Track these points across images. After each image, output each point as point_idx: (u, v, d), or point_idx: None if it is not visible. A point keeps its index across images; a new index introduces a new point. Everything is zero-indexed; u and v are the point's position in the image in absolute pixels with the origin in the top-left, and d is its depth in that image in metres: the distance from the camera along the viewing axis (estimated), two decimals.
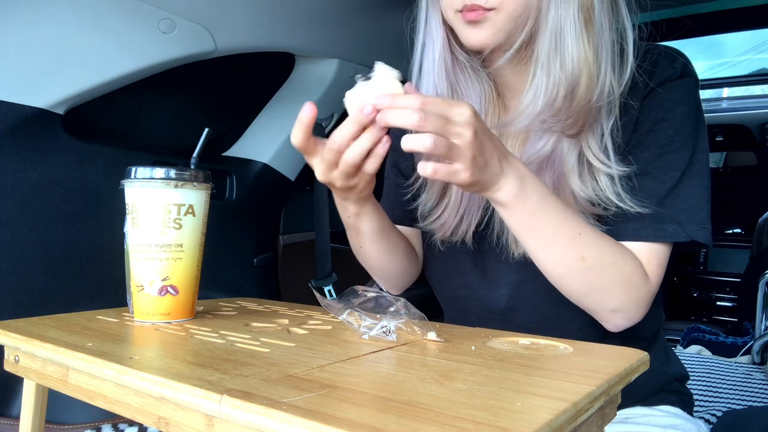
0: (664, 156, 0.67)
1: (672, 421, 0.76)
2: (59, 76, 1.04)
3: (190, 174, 0.63)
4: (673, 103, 0.68)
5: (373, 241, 0.76)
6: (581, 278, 0.65)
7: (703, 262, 3.22)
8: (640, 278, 0.66)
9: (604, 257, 0.64)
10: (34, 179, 1.07)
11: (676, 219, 0.66)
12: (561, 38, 0.62)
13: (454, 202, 0.75)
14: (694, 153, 0.68)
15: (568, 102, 0.63)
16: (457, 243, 0.77)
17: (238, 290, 1.54)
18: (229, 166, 1.52)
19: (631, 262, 0.65)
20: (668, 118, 0.68)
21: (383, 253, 0.79)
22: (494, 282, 0.76)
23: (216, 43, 1.21)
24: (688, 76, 0.69)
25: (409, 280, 0.88)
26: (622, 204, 0.66)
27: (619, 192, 0.67)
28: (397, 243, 0.80)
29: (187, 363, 0.45)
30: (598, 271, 0.64)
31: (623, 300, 0.66)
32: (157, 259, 0.62)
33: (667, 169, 0.67)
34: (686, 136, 0.68)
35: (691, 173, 0.67)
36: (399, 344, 0.54)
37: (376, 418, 0.33)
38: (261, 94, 1.55)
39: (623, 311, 0.67)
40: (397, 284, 0.88)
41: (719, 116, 2.96)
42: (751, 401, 1.40)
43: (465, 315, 0.82)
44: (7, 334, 0.56)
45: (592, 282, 0.65)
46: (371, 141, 0.57)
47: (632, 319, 0.68)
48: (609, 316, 0.67)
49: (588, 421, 0.41)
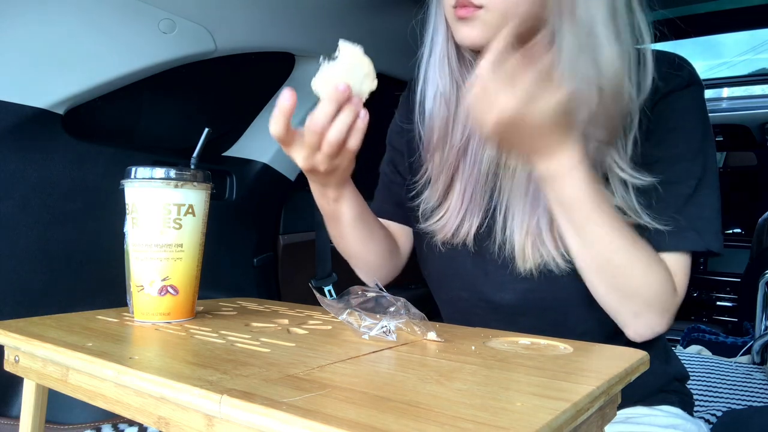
0: (679, 165, 0.67)
1: (672, 421, 0.76)
2: (59, 76, 1.04)
3: (190, 174, 0.63)
4: (683, 112, 0.68)
5: (353, 228, 0.75)
6: (607, 276, 0.64)
7: (703, 262, 3.22)
8: (668, 292, 0.66)
9: (635, 262, 0.63)
10: (34, 179, 1.07)
11: (695, 228, 0.66)
12: (592, 35, 0.60)
13: (456, 201, 0.75)
14: (706, 161, 0.68)
15: (605, 103, 0.62)
16: (458, 245, 0.77)
17: (238, 290, 1.54)
18: (229, 166, 1.52)
19: (664, 276, 0.65)
20: (679, 127, 0.68)
21: (363, 241, 0.78)
22: (498, 286, 0.75)
23: (216, 43, 1.21)
24: (695, 84, 0.69)
25: (387, 274, 0.87)
26: (639, 220, 0.66)
27: (635, 208, 0.66)
28: (376, 230, 0.80)
29: (187, 363, 0.45)
30: (623, 277, 0.64)
31: (643, 308, 0.65)
32: (157, 259, 0.62)
33: (683, 178, 0.67)
34: (697, 144, 0.68)
35: (706, 181, 0.67)
36: (399, 344, 0.54)
37: (376, 418, 0.33)
38: (261, 94, 1.55)
39: (646, 318, 0.66)
40: (377, 277, 0.87)
41: (719, 116, 2.95)
42: (751, 401, 1.40)
43: (466, 317, 0.81)
44: (7, 334, 0.56)
45: (616, 282, 0.64)
46: (352, 115, 0.58)
47: (655, 330, 0.67)
48: (631, 321, 0.67)
49: (588, 421, 0.41)
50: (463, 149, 0.75)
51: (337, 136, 0.58)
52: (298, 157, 0.62)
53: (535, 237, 0.70)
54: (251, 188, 1.56)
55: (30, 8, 0.98)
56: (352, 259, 0.84)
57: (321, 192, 0.70)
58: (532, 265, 0.70)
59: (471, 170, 0.75)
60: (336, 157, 0.61)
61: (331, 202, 0.71)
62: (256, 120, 1.57)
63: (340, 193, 0.70)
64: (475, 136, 0.74)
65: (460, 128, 0.75)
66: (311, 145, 0.60)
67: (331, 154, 0.60)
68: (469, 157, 0.75)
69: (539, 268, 0.70)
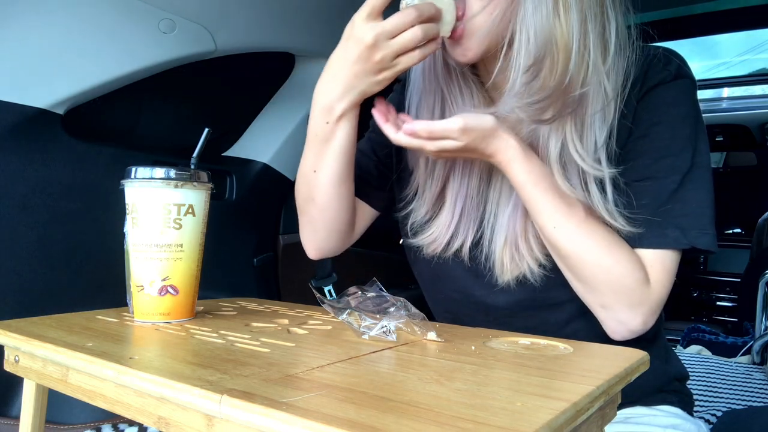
0: (663, 160, 0.66)
1: (672, 421, 0.76)
2: (59, 76, 1.04)
3: (190, 174, 0.63)
4: (667, 105, 0.66)
5: (337, 160, 0.71)
6: (569, 264, 0.65)
7: (703, 262, 3.22)
8: (635, 283, 0.64)
9: (584, 254, 0.63)
10: (34, 179, 1.07)
11: (678, 225, 0.65)
12: (534, 14, 0.61)
13: (447, 215, 0.75)
14: (694, 156, 0.66)
15: (539, 79, 0.62)
16: (449, 257, 0.76)
17: (238, 290, 1.54)
18: (229, 166, 1.52)
19: (624, 265, 0.64)
20: (663, 121, 0.66)
21: (338, 182, 0.74)
22: (490, 289, 0.75)
23: (216, 43, 1.21)
24: (683, 77, 0.67)
25: (334, 246, 0.84)
26: (614, 222, 0.65)
27: (611, 210, 0.65)
28: (350, 180, 0.76)
29: (187, 363, 0.45)
30: (578, 265, 0.64)
31: (611, 300, 0.65)
32: (157, 259, 0.62)
33: (667, 173, 0.66)
34: (684, 139, 0.66)
35: (693, 177, 0.66)
36: (399, 344, 0.54)
37: (376, 418, 0.33)
38: (261, 94, 1.55)
39: (615, 312, 0.65)
40: (323, 248, 0.84)
41: (719, 116, 2.95)
42: (751, 401, 1.40)
43: (457, 317, 0.81)
44: (7, 334, 0.56)
45: (574, 269, 0.65)
46: (422, 36, 0.61)
47: (629, 326, 0.66)
48: (603, 315, 0.67)
49: (588, 421, 0.41)
50: (451, 161, 0.75)
51: (405, 39, 0.61)
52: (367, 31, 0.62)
53: (513, 249, 0.71)
54: (251, 188, 1.56)
55: (30, 8, 0.98)
56: (314, 206, 0.77)
57: (331, 105, 0.68)
58: (510, 276, 0.71)
59: (461, 183, 0.74)
60: (388, 60, 0.63)
61: (333, 119, 0.68)
62: (256, 120, 1.57)
63: (347, 112, 0.68)
64: None
65: None
66: (385, 33, 0.61)
67: (394, 54, 0.62)
68: (459, 170, 0.74)
69: (518, 278, 0.71)
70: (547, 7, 0.60)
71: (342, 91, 0.66)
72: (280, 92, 1.56)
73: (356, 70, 0.64)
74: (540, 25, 0.61)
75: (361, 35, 0.62)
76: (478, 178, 0.74)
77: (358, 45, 0.63)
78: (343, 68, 0.65)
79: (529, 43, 0.61)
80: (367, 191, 0.84)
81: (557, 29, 0.61)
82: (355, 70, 0.64)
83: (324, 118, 0.69)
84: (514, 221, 0.71)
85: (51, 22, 1.01)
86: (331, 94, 0.67)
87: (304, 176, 0.76)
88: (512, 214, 0.71)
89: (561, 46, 0.61)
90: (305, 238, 0.84)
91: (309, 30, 1.37)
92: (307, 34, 1.38)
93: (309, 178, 0.75)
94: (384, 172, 0.84)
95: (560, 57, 0.61)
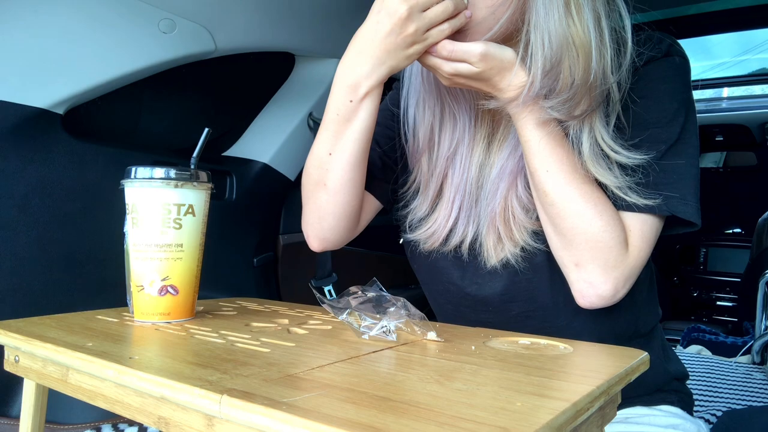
0: (646, 131, 0.66)
1: (672, 420, 0.76)
2: (59, 76, 1.04)
3: (190, 174, 0.63)
4: (657, 81, 0.67)
5: (356, 141, 0.70)
6: (551, 214, 0.65)
7: (703, 262, 3.22)
8: (613, 241, 0.64)
9: (569, 202, 0.64)
10: (34, 179, 1.07)
11: (660, 192, 0.65)
12: (547, 18, 0.61)
13: (445, 211, 0.75)
14: (681, 131, 0.66)
15: (560, 80, 0.62)
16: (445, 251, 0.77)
17: (238, 290, 1.54)
18: (229, 166, 1.52)
19: (606, 221, 0.64)
20: (648, 95, 0.67)
21: (354, 164, 0.72)
22: (486, 276, 0.76)
23: (216, 43, 1.21)
24: (672, 55, 0.68)
25: (339, 238, 0.81)
26: (627, 197, 0.65)
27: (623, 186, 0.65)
28: (363, 165, 0.75)
29: (187, 363, 0.45)
30: (561, 213, 0.64)
31: (586, 257, 0.64)
32: (157, 259, 0.62)
33: (650, 143, 0.66)
34: (671, 113, 0.66)
35: (677, 149, 0.66)
36: (399, 344, 0.54)
37: (376, 418, 0.33)
38: (261, 94, 1.55)
39: (587, 272, 0.65)
40: (328, 238, 0.81)
41: (719, 116, 2.95)
42: (751, 401, 1.40)
43: (458, 308, 0.81)
44: (7, 334, 0.56)
45: (556, 225, 0.65)
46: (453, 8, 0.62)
47: (598, 290, 0.65)
48: (574, 275, 0.66)
49: (588, 421, 0.41)
50: (451, 157, 0.75)
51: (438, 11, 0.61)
52: None
53: (496, 234, 0.72)
54: (251, 188, 1.56)
55: (30, 8, 0.98)
56: (324, 191, 0.75)
57: (357, 82, 0.66)
58: (496, 261, 0.72)
59: (460, 178, 0.75)
60: (421, 32, 0.62)
61: (359, 97, 0.67)
62: (256, 120, 1.57)
63: (372, 89, 0.67)
64: (464, 143, 0.75)
65: (447, 136, 0.75)
66: None
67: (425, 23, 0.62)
68: (458, 165, 0.75)
69: (502, 261, 0.72)
70: (559, 11, 0.61)
71: (371, 66, 0.65)
72: (280, 92, 1.57)
73: (387, 43, 0.63)
74: (554, 28, 0.61)
75: (395, 8, 0.61)
76: (476, 171, 0.74)
77: (391, 17, 0.62)
78: (372, 43, 0.64)
79: (544, 47, 0.62)
80: (372, 183, 0.84)
81: (572, 30, 0.61)
82: (387, 43, 0.63)
83: (348, 96, 0.68)
84: (496, 209, 0.72)
85: (51, 22, 1.01)
86: (359, 71, 0.66)
87: (318, 158, 0.74)
88: (502, 193, 0.72)
89: (579, 47, 0.61)
90: (309, 227, 0.81)
91: (309, 30, 1.37)
92: (307, 34, 1.38)
93: (323, 161, 0.73)
94: (388, 164, 0.84)
95: (580, 57, 0.61)
